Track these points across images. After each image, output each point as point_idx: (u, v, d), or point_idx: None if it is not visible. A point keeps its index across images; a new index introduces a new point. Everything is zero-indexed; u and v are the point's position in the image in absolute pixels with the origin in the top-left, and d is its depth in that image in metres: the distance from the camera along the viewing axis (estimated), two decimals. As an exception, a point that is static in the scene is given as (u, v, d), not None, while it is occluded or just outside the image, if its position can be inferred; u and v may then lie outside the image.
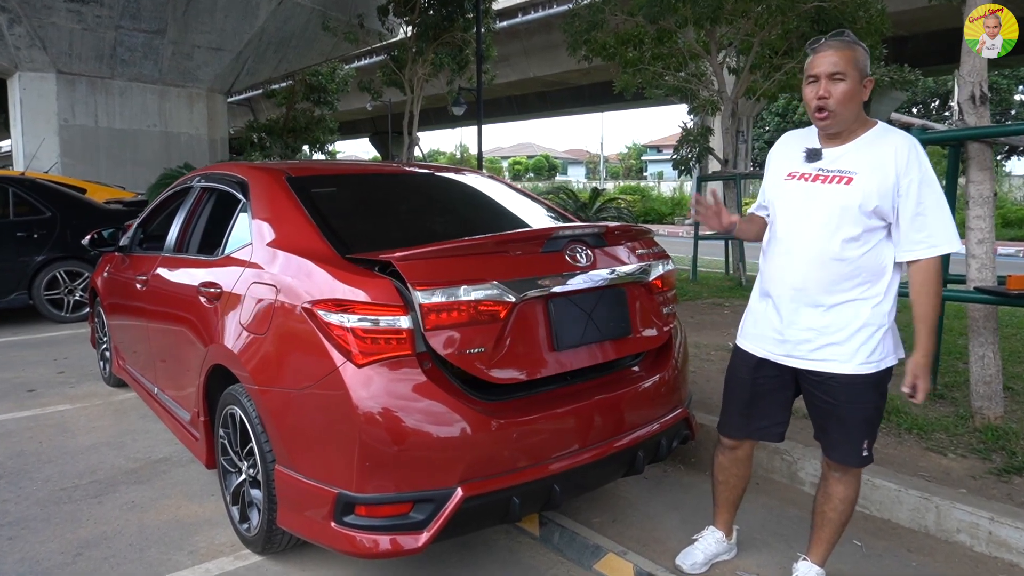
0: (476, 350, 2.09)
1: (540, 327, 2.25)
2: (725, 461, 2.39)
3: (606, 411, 2.38)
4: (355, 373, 2.01)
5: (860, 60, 1.93)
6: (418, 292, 2.01)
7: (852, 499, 2.16)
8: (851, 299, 2.00)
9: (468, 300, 2.07)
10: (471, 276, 2.10)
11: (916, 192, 1.90)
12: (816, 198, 2.01)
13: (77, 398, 4.43)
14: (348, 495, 2.02)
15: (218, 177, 3.21)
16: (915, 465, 2.99)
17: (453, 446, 2.05)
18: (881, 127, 2.02)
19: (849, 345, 2.01)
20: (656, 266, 2.64)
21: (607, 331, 2.41)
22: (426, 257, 2.09)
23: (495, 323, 2.12)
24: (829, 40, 1.96)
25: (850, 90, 1.92)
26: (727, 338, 5.44)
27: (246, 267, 2.55)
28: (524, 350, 2.20)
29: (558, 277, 2.28)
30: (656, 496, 3.01)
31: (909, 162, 1.91)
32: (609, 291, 2.44)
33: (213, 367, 2.63)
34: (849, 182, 1.96)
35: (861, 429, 2.06)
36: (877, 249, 1.98)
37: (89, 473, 3.26)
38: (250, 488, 2.50)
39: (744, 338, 2.29)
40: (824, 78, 1.94)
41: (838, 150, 2.02)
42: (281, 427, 2.23)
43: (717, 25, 8.25)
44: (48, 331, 6.57)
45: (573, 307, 2.32)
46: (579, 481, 2.32)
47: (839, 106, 1.94)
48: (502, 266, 2.19)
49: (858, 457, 2.08)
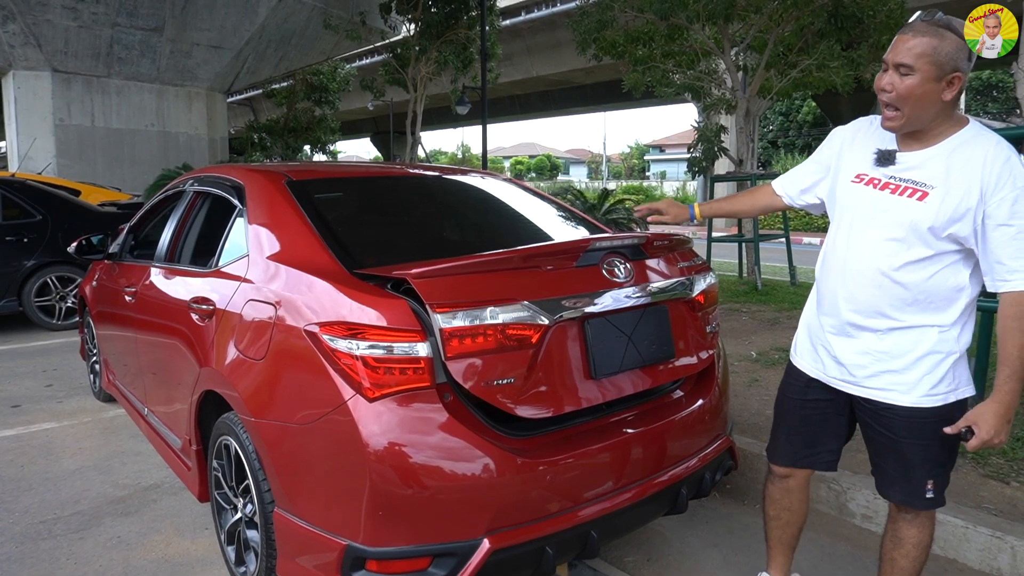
0: (504, 381, 1.82)
1: (576, 353, 1.98)
2: (775, 492, 2.12)
3: (646, 445, 2.11)
4: (366, 408, 1.74)
5: (942, 52, 1.59)
6: (438, 315, 1.75)
7: (927, 543, 1.89)
8: (913, 325, 1.73)
9: (496, 324, 1.80)
10: (498, 296, 1.84)
11: (1008, 211, 1.58)
12: (882, 211, 1.72)
13: (65, 415, 4.17)
14: (358, 548, 1.75)
15: (212, 180, 2.95)
16: (976, 495, 2.73)
17: (479, 491, 1.78)
18: (972, 129, 1.68)
19: (910, 374, 1.74)
20: (698, 280, 2.37)
21: (648, 355, 2.14)
22: (447, 274, 1.83)
23: (526, 349, 1.86)
24: (913, 21, 1.65)
25: (917, 87, 1.61)
26: (749, 347, 5.18)
27: (241, 282, 2.28)
28: (558, 380, 1.94)
29: (595, 295, 2.01)
30: (693, 530, 2.74)
31: (1001, 176, 1.59)
32: (650, 309, 2.17)
33: (205, 392, 2.37)
34: (923, 197, 1.66)
35: (924, 468, 1.79)
36: (948, 272, 1.69)
37: (72, 503, 3.00)
38: (247, 528, 2.24)
39: (797, 355, 2.04)
40: (891, 67, 1.64)
41: (916, 156, 1.71)
42: (280, 465, 1.97)
43: (730, 21, 7.99)
44: (39, 340, 6.31)
45: (612, 328, 2.05)
46: (618, 525, 2.06)
47: (903, 104, 1.63)
48: (533, 283, 1.92)
49: (921, 499, 1.81)
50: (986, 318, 3.61)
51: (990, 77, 31.15)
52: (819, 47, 7.70)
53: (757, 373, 4.43)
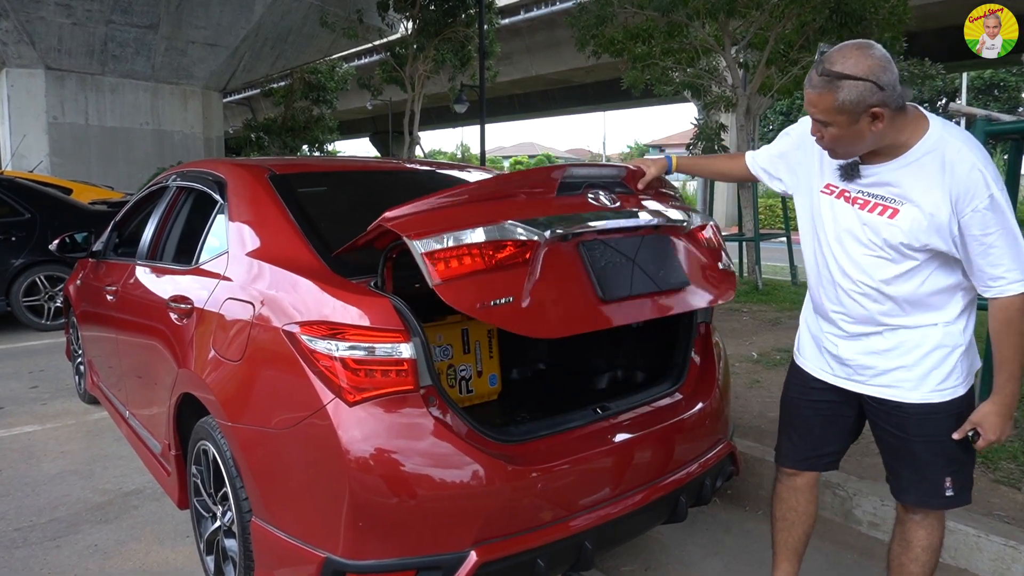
0: (502, 300, 1.65)
1: (578, 273, 1.83)
2: (783, 491, 2.04)
3: (643, 450, 2.01)
4: (346, 413, 1.64)
5: (847, 101, 1.50)
6: (417, 241, 1.59)
7: (936, 547, 1.81)
8: (916, 325, 1.69)
9: (480, 242, 1.65)
10: (480, 220, 1.70)
11: (981, 222, 1.53)
12: (860, 229, 1.67)
13: (48, 417, 4.06)
14: (337, 561, 1.65)
15: (195, 175, 2.84)
16: (987, 501, 2.63)
17: (466, 500, 1.68)
18: (934, 135, 1.57)
19: (918, 369, 1.69)
20: (694, 216, 2.23)
21: (660, 280, 1.99)
22: (422, 209, 1.68)
23: (520, 267, 1.71)
24: (810, 75, 1.57)
25: (841, 134, 1.56)
26: (750, 347, 5.08)
27: (220, 280, 2.18)
28: (564, 299, 1.79)
29: (585, 217, 1.88)
30: (692, 537, 2.64)
31: (970, 186, 1.52)
32: (651, 236, 2.04)
33: (184, 395, 2.27)
34: (894, 215, 1.60)
35: (939, 465, 1.72)
36: (937, 276, 1.65)
37: (50, 509, 2.89)
38: (225, 537, 2.14)
39: (801, 355, 1.96)
40: (812, 118, 1.63)
41: (880, 169, 1.63)
42: (258, 472, 1.87)
43: (731, 17, 7.89)
44: (26, 340, 6.21)
45: (612, 251, 1.91)
46: (613, 535, 1.96)
47: (839, 148, 1.61)
48: (515, 208, 1.80)
49: (939, 497, 1.74)
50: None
51: (991, 76, 31.06)
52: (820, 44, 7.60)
53: (758, 374, 4.33)
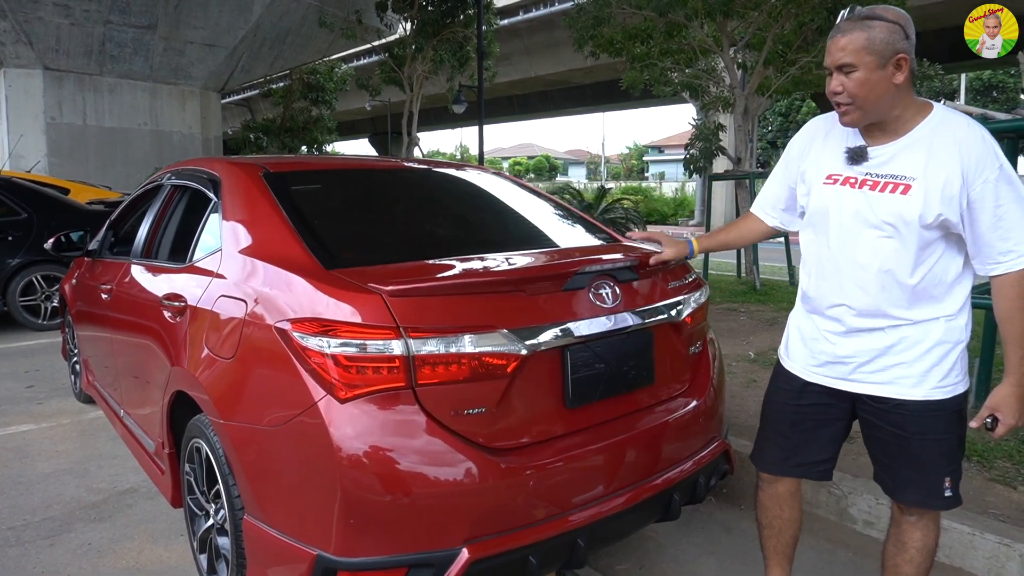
0: (475, 411, 1.71)
1: (552, 382, 1.86)
2: (765, 499, 2.04)
3: (636, 448, 2.00)
4: (337, 409, 1.64)
5: (877, 40, 1.55)
6: (412, 340, 1.65)
7: (931, 548, 1.80)
8: (919, 319, 1.68)
9: (471, 352, 1.69)
10: (476, 321, 1.72)
11: (993, 193, 1.55)
12: (868, 211, 1.67)
13: (43, 416, 4.05)
14: (328, 558, 1.65)
15: (190, 173, 2.84)
16: (982, 500, 2.63)
17: (457, 497, 1.67)
18: (939, 113, 1.63)
19: (919, 365, 1.68)
20: (689, 301, 2.25)
21: (626, 382, 2.03)
22: (423, 294, 1.73)
23: (500, 380, 1.74)
24: (839, 23, 1.61)
25: (866, 79, 1.57)
26: (747, 347, 5.08)
27: (213, 277, 2.17)
28: (530, 410, 1.82)
29: (579, 323, 1.88)
30: (687, 536, 2.64)
31: (980, 158, 1.56)
32: (634, 334, 2.05)
33: (177, 393, 2.26)
34: (906, 191, 1.61)
35: (939, 465, 1.72)
36: (945, 261, 1.66)
37: (44, 508, 2.89)
38: (218, 535, 2.13)
39: (789, 358, 1.94)
40: (835, 70, 1.62)
41: (888, 148, 1.66)
42: (249, 470, 1.86)
43: (729, 18, 7.89)
44: (23, 340, 6.19)
45: (592, 356, 1.93)
46: (607, 533, 1.96)
47: (860, 99, 1.60)
48: (514, 308, 1.80)
49: (940, 498, 1.73)
50: (990, 316, 3.51)
51: (990, 77, 31.10)
52: (818, 45, 7.61)
53: (755, 374, 4.33)
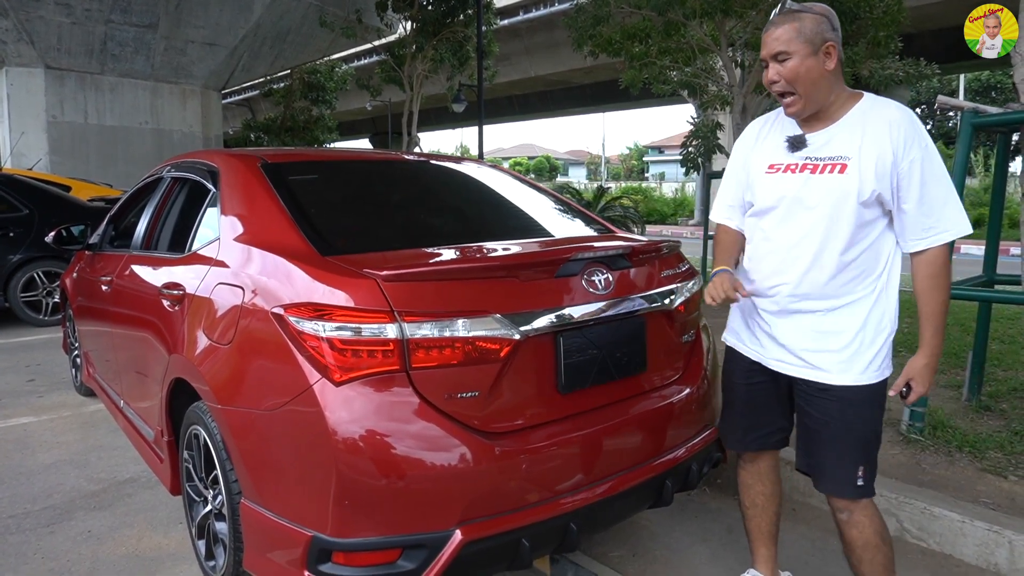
0: (468, 395, 1.73)
1: (545, 367, 1.89)
2: (747, 478, 2.09)
3: (629, 433, 2.03)
4: (332, 393, 1.66)
5: (807, 29, 1.67)
6: (406, 324, 1.67)
7: (873, 542, 1.81)
8: (851, 300, 1.75)
9: (464, 337, 1.72)
10: (470, 306, 1.75)
11: (919, 172, 1.65)
12: (808, 192, 1.74)
13: (44, 409, 4.08)
14: (323, 539, 1.67)
15: (189, 166, 2.87)
16: (973, 489, 2.65)
17: (451, 480, 1.70)
18: (869, 100, 1.74)
19: (846, 352, 1.75)
20: (682, 290, 2.28)
21: (619, 369, 2.05)
22: (418, 279, 1.75)
23: (493, 364, 1.77)
24: (773, 17, 1.72)
25: (798, 66, 1.68)
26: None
27: (211, 265, 2.20)
28: (523, 395, 1.85)
29: (572, 308, 1.91)
30: (680, 524, 2.66)
31: (907, 138, 1.65)
32: (627, 321, 2.08)
33: (175, 380, 2.29)
34: (844, 169, 1.70)
35: (855, 452, 1.77)
36: (880, 241, 1.74)
37: (44, 497, 2.92)
38: (216, 521, 2.16)
39: (734, 337, 2.02)
40: (770, 60, 1.73)
41: (824, 134, 1.75)
42: (246, 454, 1.89)
43: (727, 17, 7.91)
44: (24, 335, 6.22)
45: (585, 342, 1.96)
46: (599, 517, 1.98)
47: (795, 86, 1.70)
48: (508, 293, 1.83)
49: (852, 487, 1.78)
50: (984, 309, 3.54)
51: (989, 78, 31.12)
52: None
53: (751, 368, 4.35)
